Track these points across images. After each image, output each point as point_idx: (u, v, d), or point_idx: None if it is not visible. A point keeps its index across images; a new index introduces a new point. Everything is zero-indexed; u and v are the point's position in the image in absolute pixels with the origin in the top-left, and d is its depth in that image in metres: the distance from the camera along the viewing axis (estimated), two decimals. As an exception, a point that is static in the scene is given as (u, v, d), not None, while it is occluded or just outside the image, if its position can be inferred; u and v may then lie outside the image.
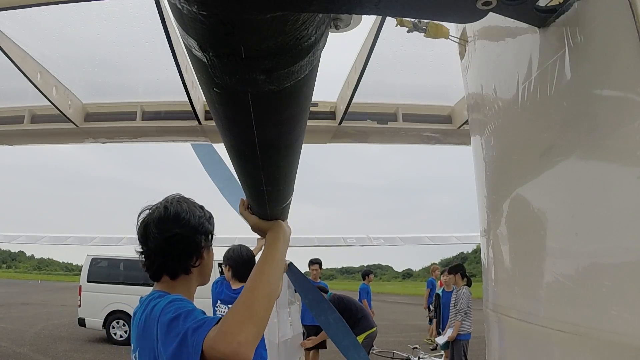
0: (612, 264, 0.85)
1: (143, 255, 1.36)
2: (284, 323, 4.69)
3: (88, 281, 10.65)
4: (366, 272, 9.80)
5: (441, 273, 8.55)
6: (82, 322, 10.55)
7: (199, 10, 0.39)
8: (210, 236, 1.38)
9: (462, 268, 7.43)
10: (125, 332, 10.32)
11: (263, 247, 1.32)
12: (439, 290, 8.03)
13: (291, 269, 3.45)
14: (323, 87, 3.09)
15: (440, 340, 7.41)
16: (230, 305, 3.40)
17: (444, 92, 2.96)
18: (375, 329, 6.85)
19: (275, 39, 0.43)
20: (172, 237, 1.29)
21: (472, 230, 10.80)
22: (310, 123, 1.15)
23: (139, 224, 1.36)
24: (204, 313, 1.16)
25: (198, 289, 1.41)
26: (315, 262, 7.56)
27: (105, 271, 10.95)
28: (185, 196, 1.41)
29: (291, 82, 0.50)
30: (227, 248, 3.55)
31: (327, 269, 9.05)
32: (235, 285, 3.42)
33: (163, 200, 1.37)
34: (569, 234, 0.98)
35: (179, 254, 1.30)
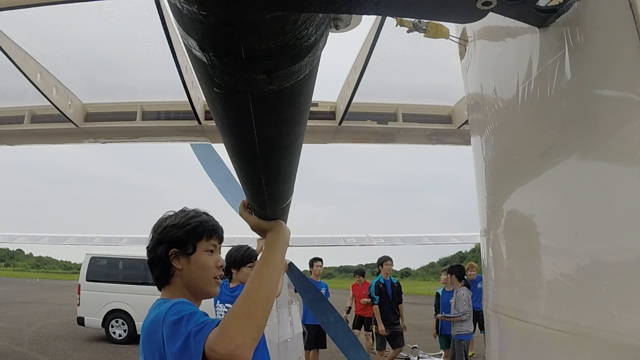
0: (612, 264, 0.85)
1: None
2: (284, 323, 4.69)
3: (87, 280, 10.65)
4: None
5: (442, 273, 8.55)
6: (81, 321, 10.56)
7: (199, 10, 0.39)
8: (183, 245, 1.34)
9: (458, 269, 7.42)
10: (125, 331, 10.32)
11: (263, 248, 1.33)
12: (439, 290, 8.01)
13: (291, 268, 3.46)
14: (323, 87, 3.09)
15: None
16: (228, 305, 3.42)
17: (444, 92, 2.96)
18: None
19: (275, 39, 0.43)
20: (147, 249, 1.38)
21: (469, 230, 10.79)
22: (310, 123, 1.15)
23: (156, 232, 1.43)
24: (206, 315, 1.18)
25: None
26: (319, 259, 7.96)
27: (105, 270, 10.96)
28: (190, 209, 1.43)
29: (291, 82, 0.50)
30: (229, 248, 3.53)
31: (325, 267, 9.12)
32: (233, 284, 3.43)
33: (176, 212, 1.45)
34: (569, 234, 0.98)
35: (149, 265, 1.38)
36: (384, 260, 8.05)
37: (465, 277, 7.35)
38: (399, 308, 7.75)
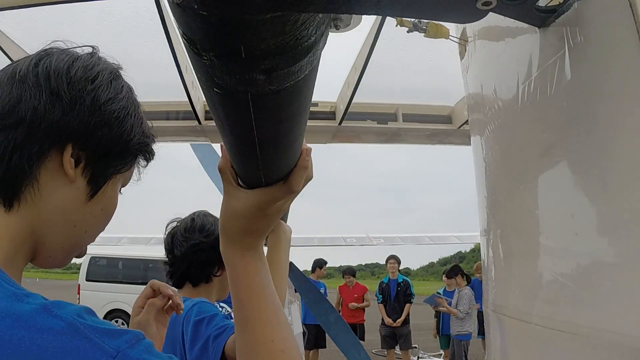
0: (612, 264, 0.85)
1: (168, 263, 1.44)
2: (284, 323, 4.69)
3: (87, 280, 10.67)
4: None
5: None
6: (81, 322, 10.57)
7: (199, 10, 0.39)
8: None
9: (458, 269, 7.46)
10: (125, 331, 10.34)
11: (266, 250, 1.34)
12: (440, 290, 8.03)
13: (291, 268, 3.45)
14: (323, 87, 3.09)
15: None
16: (222, 304, 3.45)
17: (444, 92, 2.96)
18: None
19: (275, 39, 0.43)
20: (197, 245, 1.38)
21: (469, 230, 10.80)
22: (310, 123, 1.15)
23: (166, 234, 1.46)
24: (227, 317, 1.20)
25: None
26: (324, 263, 8.03)
27: (104, 270, 10.98)
28: (211, 212, 1.47)
29: (291, 82, 0.50)
30: None
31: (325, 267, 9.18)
32: None
33: (190, 214, 1.47)
34: (569, 234, 0.98)
35: (202, 262, 1.38)
36: (387, 260, 8.07)
37: (467, 273, 7.43)
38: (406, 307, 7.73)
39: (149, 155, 0.77)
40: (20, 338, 0.47)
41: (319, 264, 8.18)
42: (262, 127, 0.57)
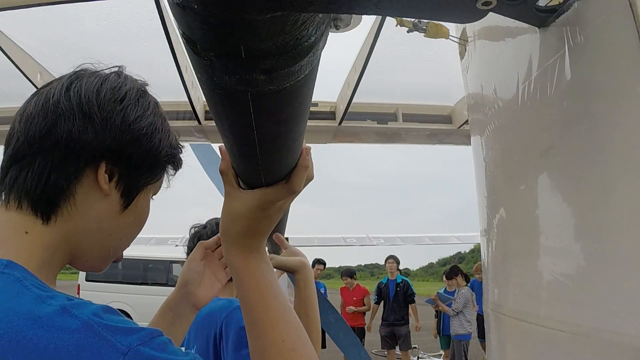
0: (612, 264, 0.85)
1: None
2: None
3: (87, 280, 10.66)
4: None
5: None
6: (81, 322, 10.55)
7: (199, 10, 0.39)
8: None
9: (457, 270, 7.48)
10: (125, 331, 10.32)
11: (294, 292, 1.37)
12: (440, 290, 8.02)
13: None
14: (323, 87, 3.09)
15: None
16: None
17: (444, 92, 2.96)
18: None
19: (275, 39, 0.43)
20: None
21: (469, 230, 10.80)
22: (310, 123, 1.15)
23: (190, 236, 1.55)
24: None
25: None
26: (321, 262, 7.94)
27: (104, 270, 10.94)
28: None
29: (291, 82, 0.50)
30: None
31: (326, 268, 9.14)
32: None
33: (212, 219, 1.58)
34: (569, 234, 0.98)
35: None
36: (386, 260, 8.04)
37: (466, 273, 7.45)
38: (410, 308, 7.70)
39: (177, 165, 0.81)
40: (39, 337, 0.51)
41: (312, 263, 8.13)
42: (262, 127, 0.57)
